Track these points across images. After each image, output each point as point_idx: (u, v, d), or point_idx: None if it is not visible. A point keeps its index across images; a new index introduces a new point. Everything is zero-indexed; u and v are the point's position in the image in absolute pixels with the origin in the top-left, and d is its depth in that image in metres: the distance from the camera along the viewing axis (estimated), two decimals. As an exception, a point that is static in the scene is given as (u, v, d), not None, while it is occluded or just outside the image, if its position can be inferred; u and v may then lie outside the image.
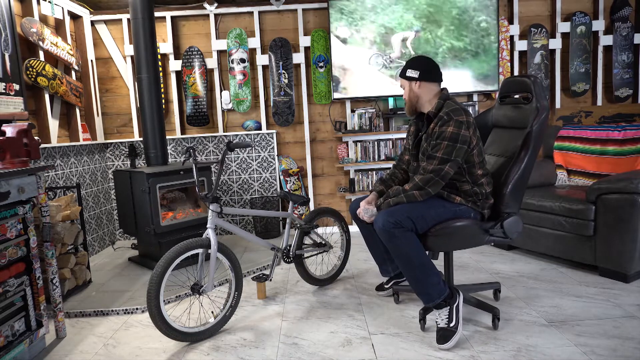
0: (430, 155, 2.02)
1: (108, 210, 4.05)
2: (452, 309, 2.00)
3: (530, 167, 2.09)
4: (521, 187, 2.11)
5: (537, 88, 2.12)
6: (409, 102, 2.17)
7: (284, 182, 4.14)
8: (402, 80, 2.17)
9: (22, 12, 3.14)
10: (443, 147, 1.97)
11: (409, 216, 1.96)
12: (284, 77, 4.08)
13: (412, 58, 2.18)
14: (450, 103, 2.06)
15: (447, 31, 3.93)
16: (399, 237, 1.94)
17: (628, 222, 2.50)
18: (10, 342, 1.91)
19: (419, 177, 2.02)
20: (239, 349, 2.06)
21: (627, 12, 4.08)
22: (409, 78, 2.12)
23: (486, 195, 2.08)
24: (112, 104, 4.15)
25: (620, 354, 1.83)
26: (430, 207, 2.03)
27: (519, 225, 2.08)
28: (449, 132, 1.97)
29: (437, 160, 1.98)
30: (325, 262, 3.10)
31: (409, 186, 2.04)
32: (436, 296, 1.99)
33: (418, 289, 2.02)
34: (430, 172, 1.99)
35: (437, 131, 2.01)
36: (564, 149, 3.39)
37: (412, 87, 2.13)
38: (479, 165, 2.05)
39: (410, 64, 2.14)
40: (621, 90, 4.18)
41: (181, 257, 2.10)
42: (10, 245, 1.94)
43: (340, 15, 3.90)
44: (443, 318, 2.00)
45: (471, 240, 2.09)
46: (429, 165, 2.00)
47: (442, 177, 1.99)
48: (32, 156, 2.09)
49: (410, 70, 2.12)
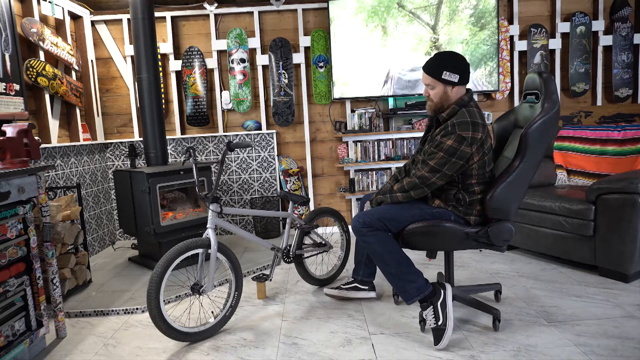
0: (423, 160, 2.01)
1: (108, 210, 4.05)
2: (435, 307, 1.98)
3: (526, 172, 1.96)
4: (514, 194, 1.99)
5: (547, 85, 1.98)
6: (438, 103, 2.02)
7: (284, 182, 4.14)
8: (433, 80, 1.99)
9: (22, 12, 3.14)
10: (437, 158, 1.94)
11: (380, 218, 2.00)
12: (284, 77, 4.08)
13: (446, 55, 2.00)
14: (464, 113, 1.94)
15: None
16: (369, 236, 2.00)
17: (628, 222, 2.50)
18: (10, 342, 1.91)
19: (407, 180, 2.04)
20: (239, 349, 2.06)
21: (626, 12, 4.08)
22: (446, 82, 1.96)
23: (470, 202, 2.00)
24: (112, 104, 4.15)
25: (620, 354, 1.83)
26: (404, 208, 2.05)
27: (507, 233, 1.96)
28: (447, 144, 1.91)
29: (428, 168, 1.97)
30: (325, 262, 3.10)
31: (397, 186, 2.07)
32: (415, 294, 2.00)
33: (397, 286, 2.05)
34: (418, 177, 1.99)
35: (438, 140, 1.96)
36: (564, 149, 3.39)
37: (448, 91, 1.99)
38: (476, 177, 1.99)
39: (446, 64, 1.96)
40: (621, 90, 4.18)
41: (181, 257, 2.10)
42: (11, 245, 1.94)
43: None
44: (430, 318, 1.98)
45: (451, 242, 2.06)
46: (419, 171, 2.00)
47: (427, 185, 1.98)
48: (33, 156, 2.09)
49: (447, 72, 1.95)
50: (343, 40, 3.93)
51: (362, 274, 2.49)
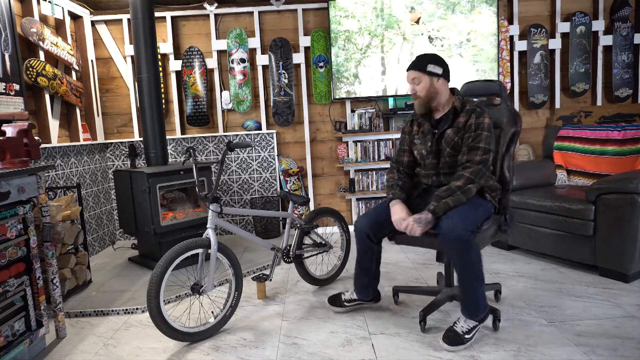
0: (473, 146, 1.99)
1: (108, 210, 4.05)
2: (479, 326, 1.98)
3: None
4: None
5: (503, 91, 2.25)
6: (426, 98, 2.08)
7: (284, 182, 4.14)
8: (418, 74, 2.07)
9: (22, 12, 3.14)
10: (484, 138, 1.98)
11: (474, 221, 1.91)
12: (284, 77, 4.08)
13: (427, 55, 2.11)
14: (468, 99, 2.12)
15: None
16: (474, 246, 1.85)
17: (628, 222, 2.50)
18: (10, 342, 1.91)
19: (468, 170, 1.96)
20: (239, 349, 2.06)
21: (627, 12, 4.08)
22: (432, 73, 2.05)
23: (498, 188, 2.12)
24: (112, 104, 4.15)
25: (620, 354, 1.83)
26: (475, 208, 1.97)
27: (513, 217, 2.18)
28: (487, 122, 2.00)
29: (481, 150, 1.98)
30: (325, 262, 3.10)
31: (461, 182, 1.95)
32: (483, 308, 1.96)
33: (473, 300, 1.95)
34: (479, 163, 1.97)
35: (475, 122, 2.01)
36: (564, 149, 3.39)
37: (434, 83, 2.06)
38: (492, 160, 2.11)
39: (430, 59, 2.07)
40: (621, 90, 4.18)
41: (181, 257, 2.10)
42: (11, 245, 1.94)
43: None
44: (465, 327, 1.95)
45: (491, 238, 2.12)
46: (475, 157, 1.97)
47: (487, 167, 2.01)
48: (32, 156, 2.09)
49: (432, 65, 2.05)
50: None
51: (373, 295, 2.35)
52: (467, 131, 2.02)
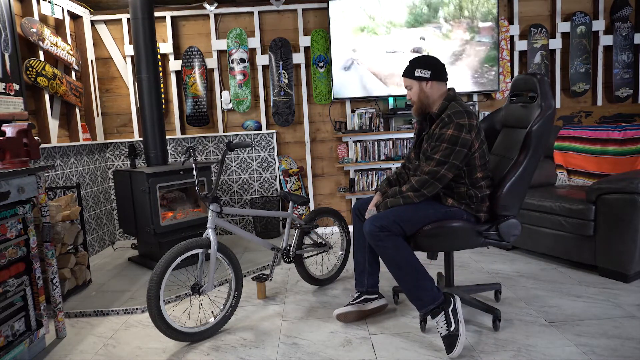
0: (428, 156, 2.01)
1: (108, 210, 4.05)
2: (447, 313, 1.93)
3: (530, 169, 2.06)
4: (520, 190, 2.08)
5: (542, 86, 2.09)
6: (419, 102, 2.11)
7: (284, 182, 4.14)
8: (409, 81, 2.11)
9: (22, 12, 3.14)
10: (441, 150, 1.96)
11: (396, 220, 1.96)
12: (284, 77, 4.08)
13: (417, 58, 2.12)
14: (455, 105, 2.02)
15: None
16: (385, 240, 1.94)
17: (628, 222, 2.50)
18: (10, 342, 1.91)
19: (415, 178, 2.02)
20: (239, 349, 2.06)
21: (627, 12, 4.08)
22: (419, 78, 2.07)
23: (481, 198, 2.04)
24: (112, 104, 4.15)
25: (620, 354, 1.83)
26: (419, 209, 2.02)
27: (516, 228, 2.04)
28: (448, 134, 1.95)
29: (434, 162, 1.97)
30: (325, 262, 3.10)
31: (406, 187, 2.03)
32: (429, 301, 1.95)
33: (410, 294, 2.00)
34: (427, 173, 1.98)
35: (437, 133, 1.99)
36: (564, 149, 3.39)
37: (423, 88, 2.07)
38: (481, 168, 2.03)
39: (418, 64, 2.08)
40: (621, 90, 4.18)
41: (181, 257, 2.09)
42: (10, 245, 1.94)
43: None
44: (442, 325, 1.93)
45: (463, 241, 2.07)
46: (426, 167, 2.00)
47: (438, 179, 1.97)
48: (32, 156, 2.09)
49: (420, 70, 2.07)
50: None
51: (367, 284, 2.32)
52: (432, 140, 2.03)
